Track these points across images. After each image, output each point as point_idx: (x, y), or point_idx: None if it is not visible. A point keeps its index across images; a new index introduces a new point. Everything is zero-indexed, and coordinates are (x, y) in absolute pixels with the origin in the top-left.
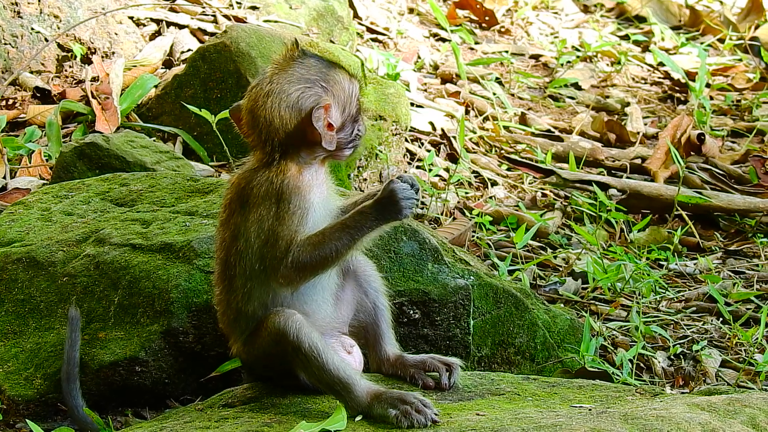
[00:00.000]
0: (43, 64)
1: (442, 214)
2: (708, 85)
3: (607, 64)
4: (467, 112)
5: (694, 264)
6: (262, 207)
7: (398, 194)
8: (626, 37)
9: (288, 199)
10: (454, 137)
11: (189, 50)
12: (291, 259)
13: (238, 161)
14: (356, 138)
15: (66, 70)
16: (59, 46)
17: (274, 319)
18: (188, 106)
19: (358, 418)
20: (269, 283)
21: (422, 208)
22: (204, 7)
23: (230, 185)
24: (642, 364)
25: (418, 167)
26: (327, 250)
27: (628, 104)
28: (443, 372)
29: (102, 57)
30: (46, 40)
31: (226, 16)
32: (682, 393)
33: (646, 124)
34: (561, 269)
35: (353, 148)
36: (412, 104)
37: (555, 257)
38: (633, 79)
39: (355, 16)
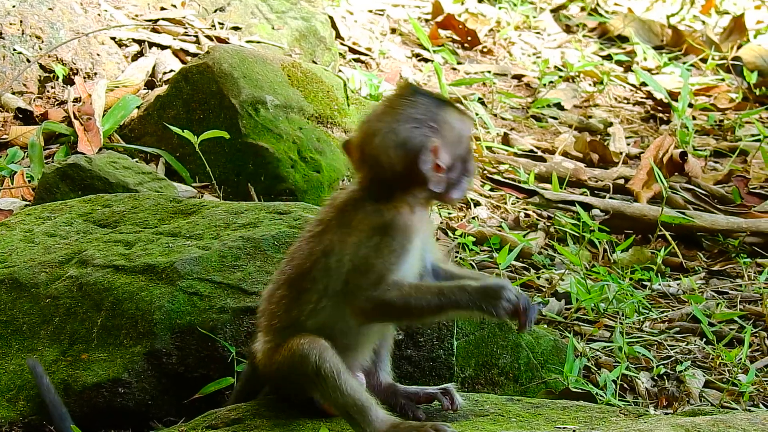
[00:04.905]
0: (25, 85)
1: None
2: (690, 105)
3: (590, 84)
4: None
5: (678, 284)
6: (364, 234)
7: (505, 294)
8: (609, 57)
9: (393, 235)
10: None
11: (171, 71)
12: (375, 294)
13: (341, 186)
14: (464, 179)
15: (48, 91)
16: (41, 66)
17: (299, 341)
18: (171, 127)
19: None
20: (342, 309)
21: None
22: (186, 28)
23: (332, 206)
24: (626, 385)
25: None
26: (412, 303)
27: (610, 124)
28: (443, 397)
29: (84, 78)
30: (28, 60)
31: (208, 37)
32: (666, 414)
33: (628, 144)
34: (544, 290)
35: (461, 190)
36: None
37: (538, 278)
38: (615, 99)
39: (338, 36)
